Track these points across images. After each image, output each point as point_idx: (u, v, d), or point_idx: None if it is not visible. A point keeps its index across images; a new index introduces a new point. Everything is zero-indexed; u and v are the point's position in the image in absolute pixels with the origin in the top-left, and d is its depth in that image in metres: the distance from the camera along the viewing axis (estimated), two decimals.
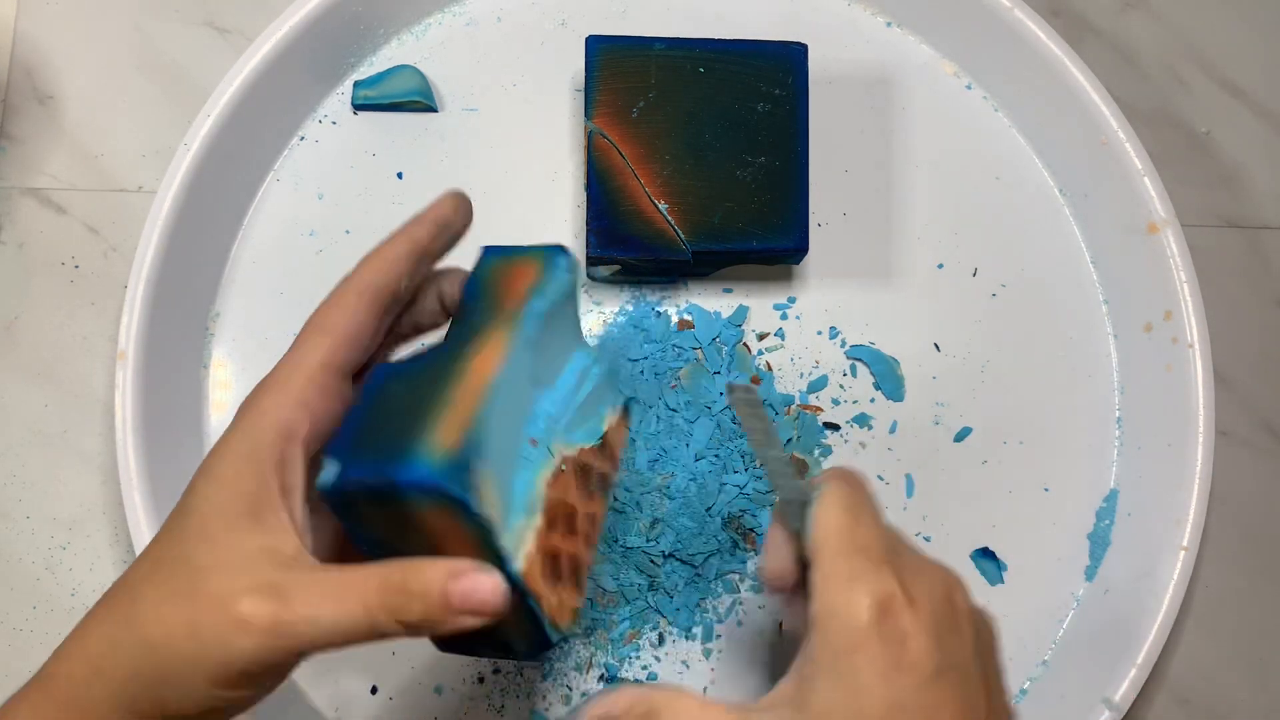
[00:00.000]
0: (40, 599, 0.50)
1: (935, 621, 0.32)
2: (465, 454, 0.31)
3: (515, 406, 0.34)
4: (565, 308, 0.37)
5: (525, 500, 0.34)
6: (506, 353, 0.34)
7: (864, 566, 0.32)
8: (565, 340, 0.38)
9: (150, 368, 0.48)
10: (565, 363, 0.38)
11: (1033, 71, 0.53)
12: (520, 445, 0.35)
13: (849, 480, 0.35)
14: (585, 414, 0.38)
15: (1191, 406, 0.50)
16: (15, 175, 0.53)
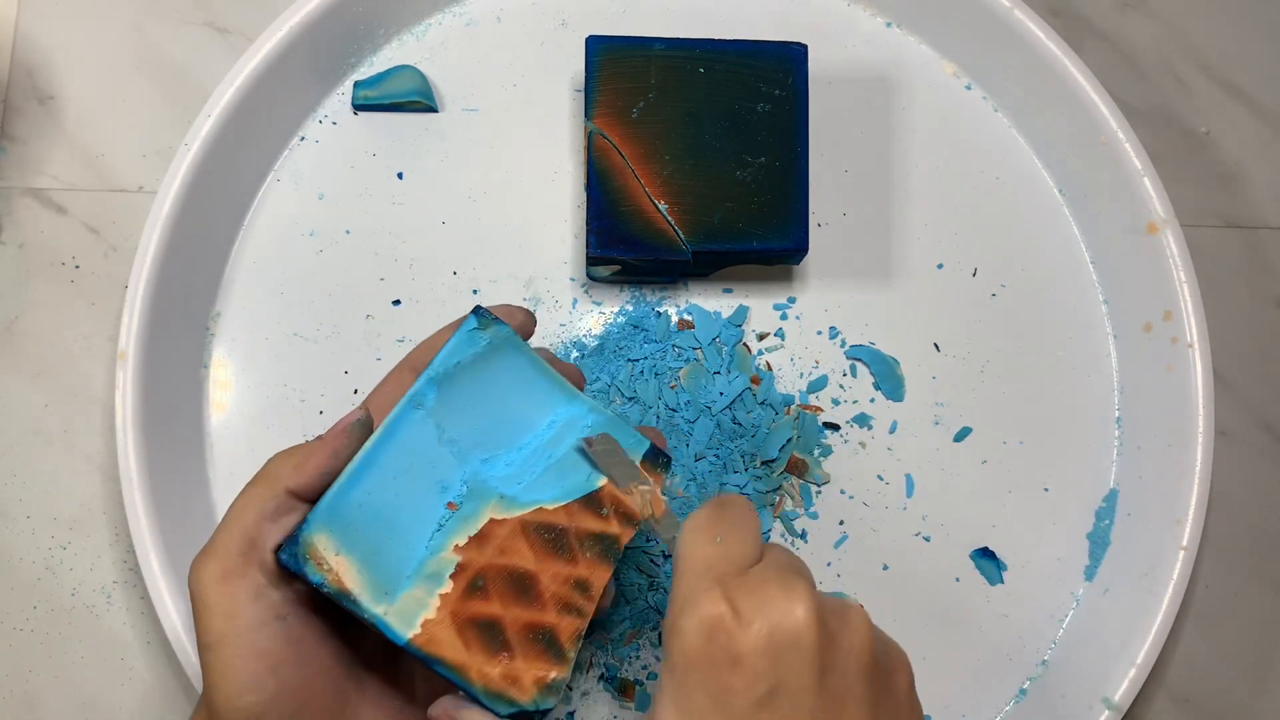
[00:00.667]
0: (40, 599, 0.50)
1: (769, 642, 0.31)
2: (299, 527, 0.33)
3: (407, 473, 0.35)
4: (499, 367, 0.36)
5: (423, 567, 0.34)
6: (389, 420, 0.35)
7: (698, 588, 0.32)
8: (518, 397, 0.37)
9: (150, 368, 0.48)
10: (528, 420, 0.37)
11: (1033, 71, 0.53)
12: (422, 510, 0.35)
13: (720, 504, 0.35)
14: (565, 470, 0.37)
15: (1191, 406, 0.50)
16: (15, 175, 0.53)
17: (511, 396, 0.37)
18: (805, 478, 0.51)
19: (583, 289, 0.52)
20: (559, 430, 0.37)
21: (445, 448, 0.36)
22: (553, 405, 0.37)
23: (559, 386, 0.37)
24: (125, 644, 0.50)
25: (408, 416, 0.35)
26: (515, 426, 0.37)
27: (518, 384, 0.37)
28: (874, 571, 0.51)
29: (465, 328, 0.36)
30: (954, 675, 0.50)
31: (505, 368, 0.36)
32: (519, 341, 0.37)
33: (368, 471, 0.34)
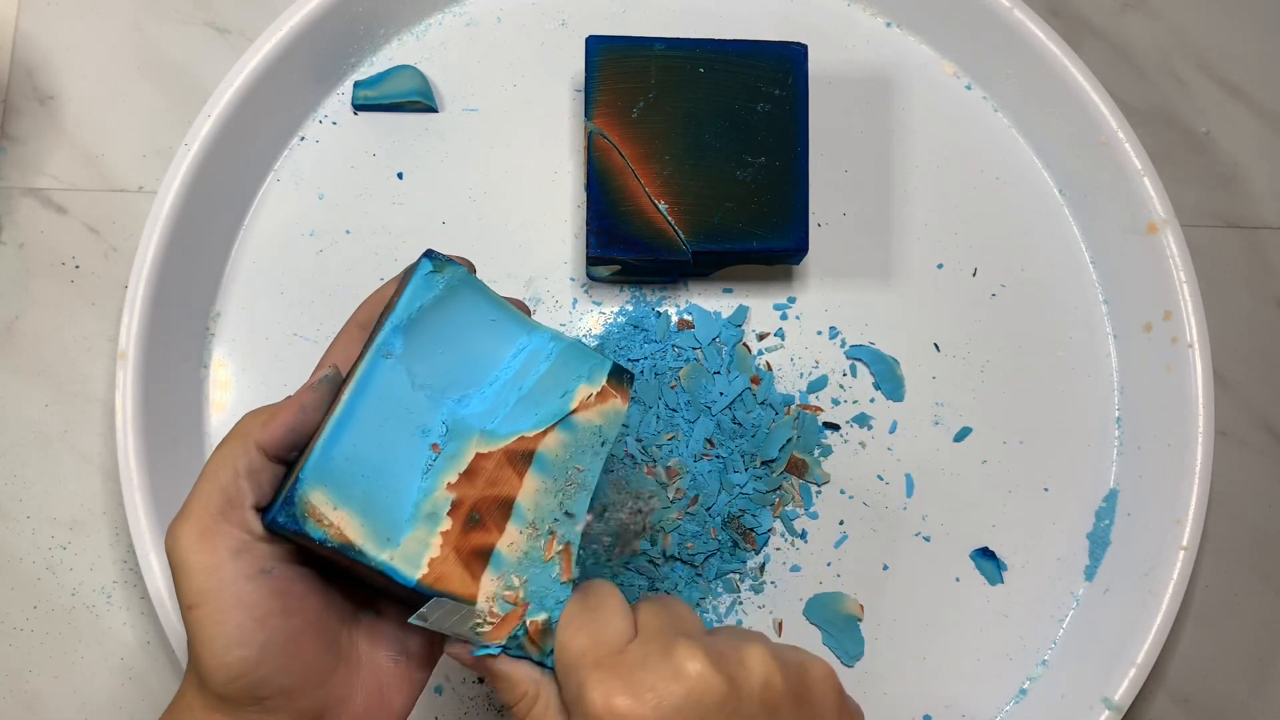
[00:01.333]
0: (40, 599, 0.50)
1: (671, 710, 0.31)
2: (292, 486, 0.33)
3: (387, 422, 0.35)
4: (458, 308, 0.36)
5: (420, 509, 0.35)
6: (361, 372, 0.35)
7: (583, 679, 0.32)
8: (482, 335, 0.37)
9: (150, 368, 0.48)
10: (494, 356, 0.37)
11: (1032, 71, 0.53)
12: (407, 456, 0.35)
13: (582, 592, 0.35)
14: (538, 398, 0.37)
15: (1191, 406, 0.50)
16: (16, 175, 0.53)
17: (474, 334, 0.37)
18: (805, 478, 0.51)
19: (583, 289, 0.52)
20: (525, 361, 0.37)
21: (419, 392, 0.36)
22: (514, 337, 0.37)
23: (518, 319, 0.38)
24: (125, 644, 0.50)
25: (378, 366, 0.35)
26: (483, 363, 0.37)
27: (479, 321, 0.37)
28: (874, 571, 0.51)
29: (421, 271, 0.36)
30: (954, 675, 0.50)
31: (465, 307, 0.37)
32: (475, 280, 0.37)
33: (348, 425, 0.34)
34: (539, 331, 0.38)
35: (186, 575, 0.33)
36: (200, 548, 0.33)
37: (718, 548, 0.49)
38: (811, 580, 0.50)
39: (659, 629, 0.33)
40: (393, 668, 0.36)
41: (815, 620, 0.50)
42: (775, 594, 0.50)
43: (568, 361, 0.37)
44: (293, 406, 0.34)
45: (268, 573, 0.33)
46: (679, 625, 0.34)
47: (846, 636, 0.50)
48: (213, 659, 0.32)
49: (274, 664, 0.33)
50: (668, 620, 0.34)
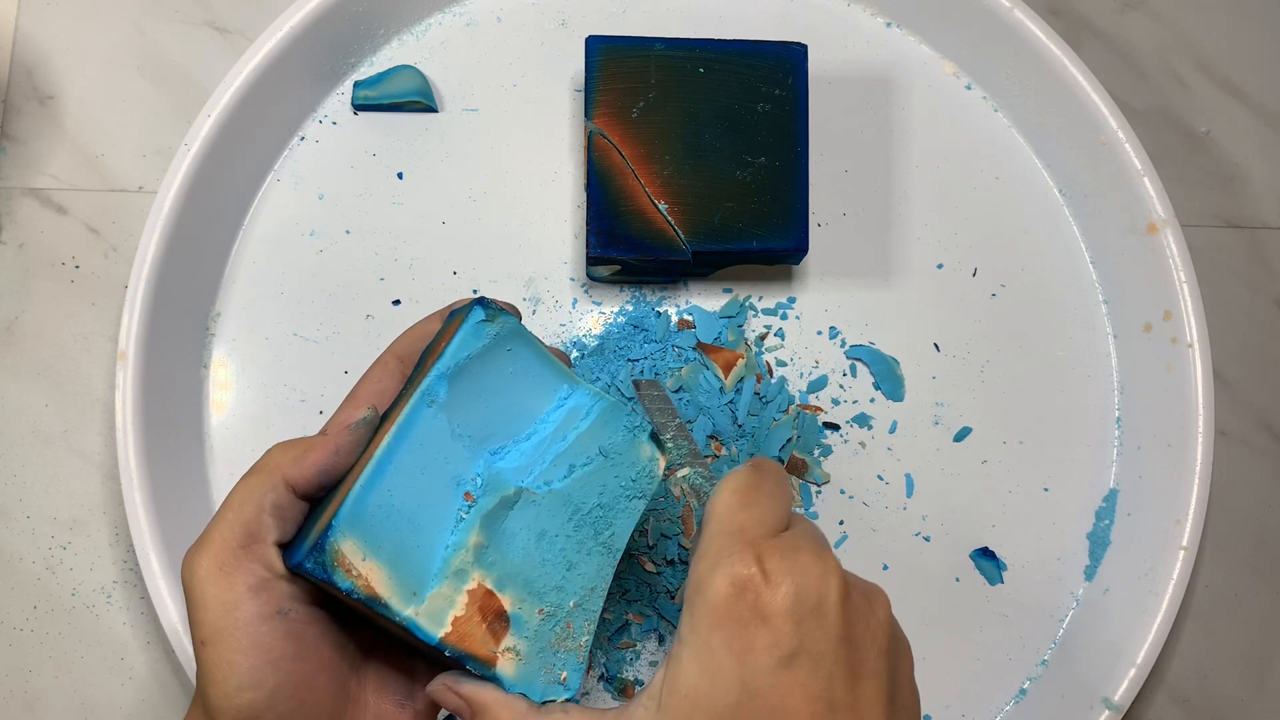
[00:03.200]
0: (40, 599, 0.50)
1: (796, 605, 0.31)
2: (323, 533, 0.33)
3: (425, 469, 0.35)
4: (505, 358, 0.36)
5: (448, 565, 0.34)
6: (403, 417, 0.34)
7: (731, 547, 0.32)
8: (525, 387, 0.37)
9: (150, 368, 0.48)
10: (535, 409, 0.37)
11: (1033, 71, 0.53)
12: (440, 508, 0.35)
13: (757, 467, 0.35)
14: (574, 456, 0.37)
15: (1191, 406, 0.50)
16: (15, 175, 0.53)
17: (518, 387, 0.37)
18: (805, 478, 0.51)
19: (583, 289, 0.52)
20: (564, 417, 0.37)
21: (458, 442, 0.35)
22: (557, 393, 0.37)
23: (561, 374, 0.37)
24: (125, 644, 0.50)
25: (420, 413, 0.35)
26: (523, 416, 0.37)
27: (523, 374, 0.37)
28: (874, 571, 0.51)
29: (472, 319, 0.36)
30: (954, 675, 0.50)
31: (511, 358, 0.36)
32: (523, 330, 0.37)
33: (385, 472, 0.34)
34: (581, 388, 0.37)
35: (203, 608, 0.32)
36: (218, 581, 0.32)
37: None
38: None
39: (812, 536, 0.34)
40: (398, 713, 0.36)
41: None
42: None
43: (607, 420, 0.37)
44: (328, 447, 0.34)
45: (285, 614, 0.33)
46: (828, 544, 0.34)
47: None
48: (223, 698, 0.32)
49: (283, 708, 0.32)
50: (819, 535, 0.34)
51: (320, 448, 0.34)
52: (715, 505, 0.34)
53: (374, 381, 0.37)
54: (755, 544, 0.32)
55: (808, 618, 0.31)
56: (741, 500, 0.34)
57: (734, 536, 0.32)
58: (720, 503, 0.34)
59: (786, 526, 0.34)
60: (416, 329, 0.38)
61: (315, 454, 0.34)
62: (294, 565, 0.33)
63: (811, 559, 0.32)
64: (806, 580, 0.31)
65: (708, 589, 0.31)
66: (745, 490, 0.34)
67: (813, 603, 0.31)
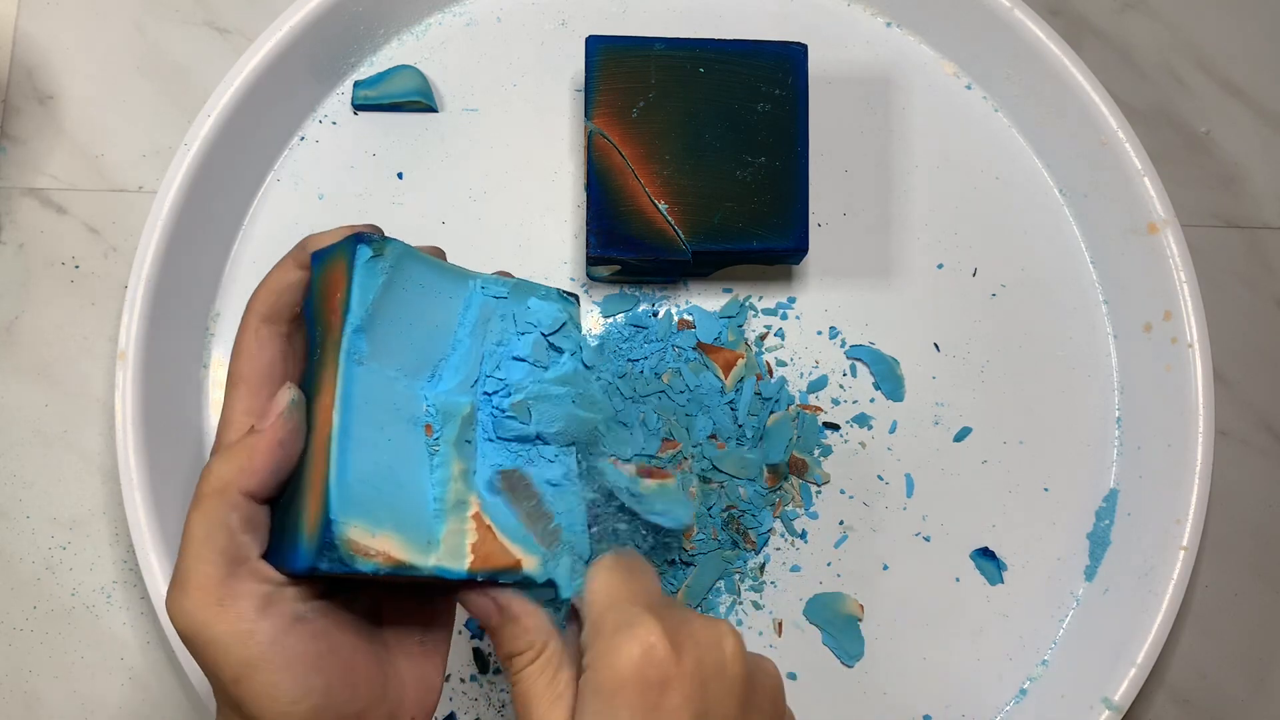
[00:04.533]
0: (40, 599, 0.50)
1: (699, 669, 0.32)
2: (323, 529, 0.31)
3: (383, 424, 0.34)
4: (404, 284, 0.35)
5: (445, 501, 0.34)
6: (341, 388, 0.33)
7: (631, 615, 0.32)
8: (431, 303, 0.35)
9: (150, 368, 0.48)
10: (448, 320, 0.36)
11: (1033, 71, 0.53)
12: (411, 453, 0.34)
13: (620, 553, 0.36)
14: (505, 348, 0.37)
15: (1191, 406, 0.50)
16: (15, 175, 0.53)
17: (426, 306, 0.35)
18: (805, 478, 0.51)
19: (583, 289, 0.52)
20: (477, 314, 0.36)
21: (396, 384, 0.34)
22: (459, 293, 0.36)
23: (453, 275, 0.36)
24: (125, 644, 0.50)
25: (354, 374, 0.33)
26: (441, 331, 0.36)
27: (426, 292, 0.35)
28: (874, 571, 0.51)
29: (360, 260, 0.34)
30: (954, 675, 0.50)
31: (409, 282, 0.35)
32: (407, 248, 0.35)
33: (349, 446, 0.33)
34: (472, 279, 0.36)
35: (220, 650, 0.31)
36: (222, 617, 0.31)
37: (718, 548, 0.49)
38: (811, 580, 0.50)
39: (682, 601, 0.34)
40: (421, 649, 0.36)
41: (815, 620, 0.50)
42: (775, 594, 0.50)
43: (519, 300, 0.37)
44: (270, 444, 0.32)
45: (301, 618, 0.32)
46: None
47: (846, 636, 0.50)
48: (283, 716, 0.31)
49: (340, 698, 0.32)
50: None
51: (265, 448, 0.32)
52: (596, 586, 0.34)
53: (251, 357, 0.34)
54: (653, 609, 0.32)
55: (711, 682, 0.32)
56: (623, 576, 0.34)
57: (630, 604, 0.33)
58: (603, 580, 0.34)
59: (669, 603, 0.34)
60: (270, 282, 0.35)
61: (262, 455, 0.32)
62: (305, 569, 0.32)
63: (708, 624, 0.33)
64: (706, 642, 0.32)
65: (614, 656, 0.32)
66: (621, 568, 0.35)
67: (715, 667, 0.32)
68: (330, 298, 0.34)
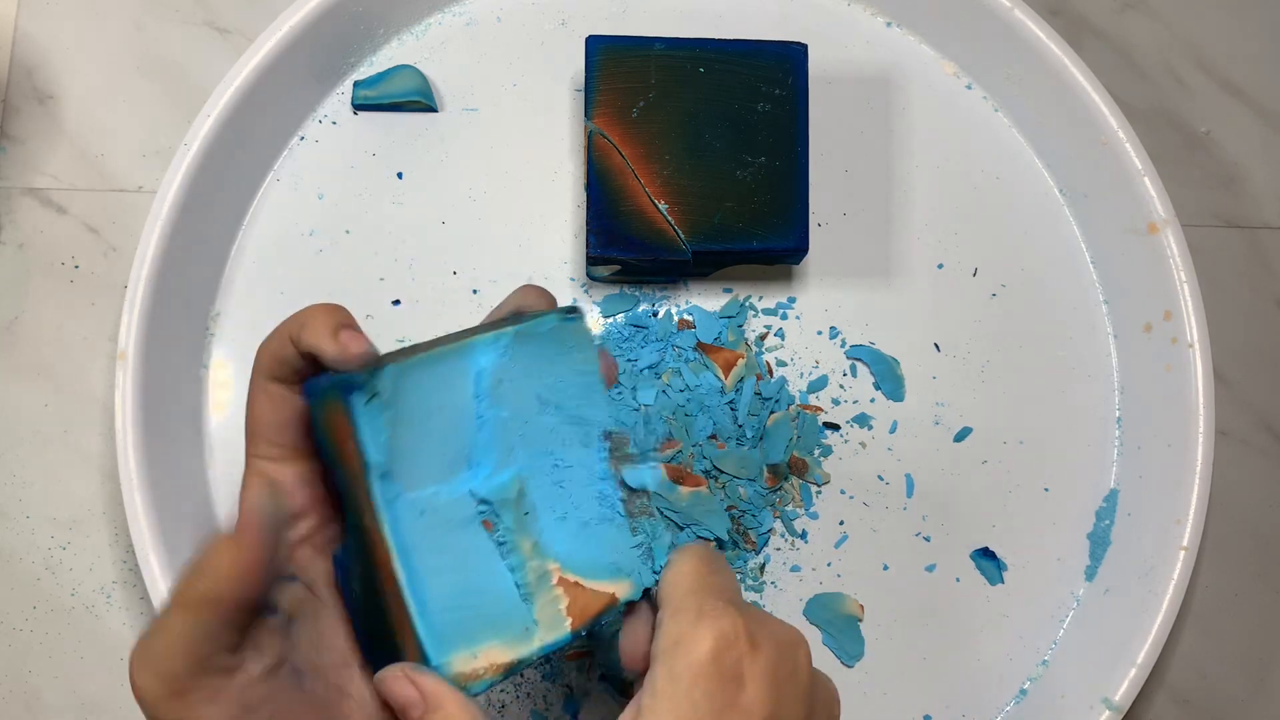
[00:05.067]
0: (40, 599, 0.50)
1: (774, 669, 0.32)
2: (435, 668, 0.32)
3: (443, 546, 0.33)
4: (408, 400, 0.33)
5: (526, 583, 0.34)
6: (390, 536, 0.32)
7: (713, 604, 0.32)
8: (440, 394, 0.34)
9: (150, 368, 0.48)
10: (461, 403, 0.34)
11: (1033, 71, 0.53)
12: (481, 554, 0.34)
13: (706, 545, 0.36)
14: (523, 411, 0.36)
15: (1191, 406, 0.50)
16: (15, 175, 0.53)
17: (434, 405, 0.34)
18: (805, 478, 0.51)
19: (583, 289, 0.52)
20: (490, 386, 0.34)
21: (438, 494, 0.33)
22: (465, 372, 0.34)
23: (451, 356, 0.34)
24: (125, 644, 0.50)
25: (395, 515, 0.32)
26: (460, 417, 0.34)
27: (430, 391, 0.33)
28: (874, 571, 0.51)
29: (357, 408, 0.31)
30: (954, 675, 0.50)
31: (411, 396, 0.33)
32: (404, 364, 0.33)
33: (421, 585, 0.32)
34: (469, 350, 0.34)
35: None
36: (175, 706, 0.30)
37: (717, 548, 0.49)
38: (811, 580, 0.50)
39: (764, 609, 0.35)
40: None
41: (815, 620, 0.50)
42: (775, 594, 0.50)
43: (524, 350, 0.35)
44: (252, 564, 0.30)
45: (252, 710, 0.31)
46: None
47: (846, 636, 0.50)
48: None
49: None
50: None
51: (249, 566, 0.30)
52: (682, 568, 0.34)
53: (264, 410, 0.33)
54: (735, 603, 0.33)
55: (783, 684, 0.32)
56: (709, 566, 0.34)
57: (713, 594, 0.33)
58: (688, 566, 0.34)
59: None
60: (268, 351, 0.33)
61: (252, 576, 0.30)
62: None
63: (785, 627, 0.33)
64: (783, 646, 0.32)
65: (692, 643, 0.31)
66: (709, 558, 0.34)
67: (789, 669, 0.32)
68: (342, 445, 0.32)
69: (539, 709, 0.48)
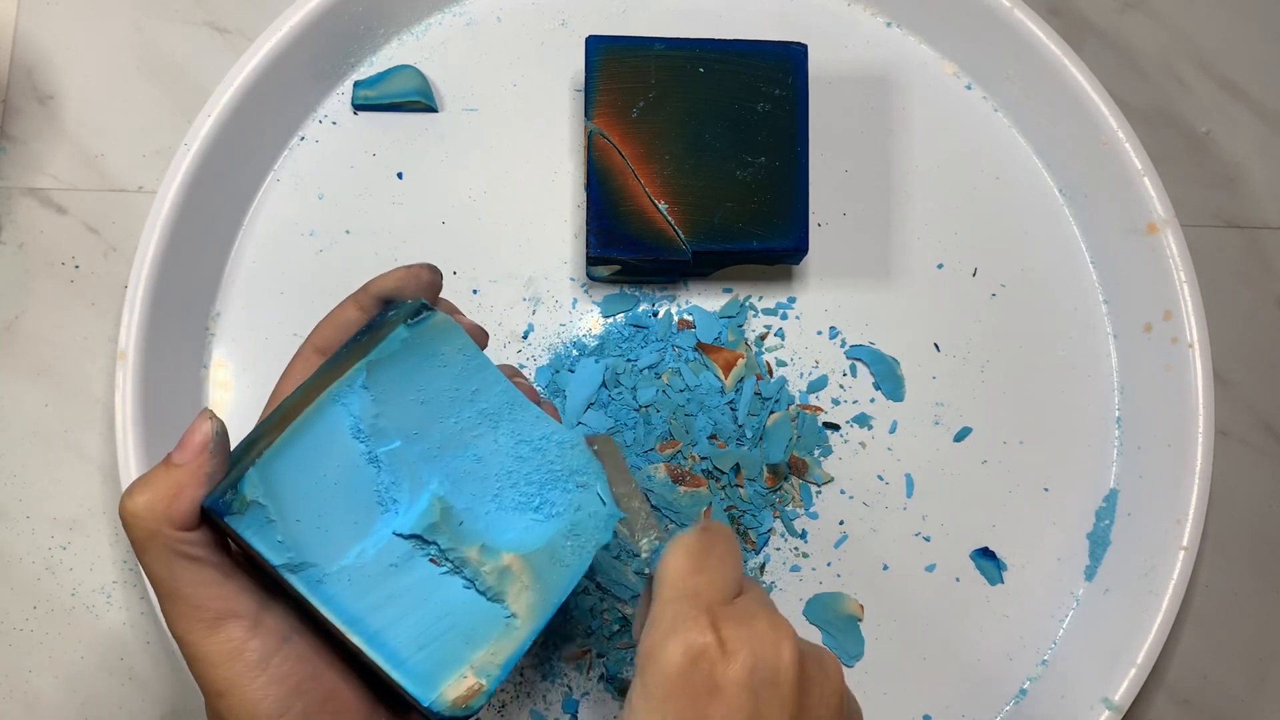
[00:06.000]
0: (40, 599, 0.50)
1: (751, 676, 0.31)
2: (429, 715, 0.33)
3: (392, 597, 0.33)
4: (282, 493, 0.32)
5: (490, 589, 0.35)
6: (330, 613, 0.33)
7: (685, 613, 0.32)
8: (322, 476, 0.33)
9: (150, 368, 0.48)
10: (348, 456, 0.34)
11: (1033, 71, 0.53)
12: (440, 583, 0.34)
13: (707, 530, 0.35)
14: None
15: (1191, 406, 0.50)
16: (15, 175, 0.53)
17: (313, 480, 0.33)
18: (805, 478, 0.51)
19: (583, 289, 0.52)
20: (370, 428, 0.34)
21: (365, 560, 0.33)
22: (336, 425, 0.34)
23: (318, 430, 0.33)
24: (125, 644, 0.50)
25: (330, 596, 0.33)
26: (349, 476, 0.34)
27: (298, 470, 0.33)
28: (874, 571, 0.51)
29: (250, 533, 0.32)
30: (954, 675, 0.50)
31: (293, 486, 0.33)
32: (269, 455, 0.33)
33: (385, 642, 0.33)
34: (335, 397, 0.33)
35: (209, 666, 0.31)
36: (215, 638, 0.31)
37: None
38: (811, 580, 0.50)
39: (765, 601, 0.34)
40: None
41: (815, 620, 0.50)
42: (775, 594, 0.50)
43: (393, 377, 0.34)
44: (194, 481, 0.31)
45: (289, 640, 0.32)
46: (773, 603, 0.34)
47: (846, 636, 0.50)
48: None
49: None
50: (770, 600, 0.34)
51: (190, 485, 0.31)
52: (666, 569, 0.33)
53: (296, 381, 0.35)
54: (710, 610, 0.32)
55: (763, 689, 0.31)
56: (694, 564, 0.33)
57: (688, 601, 0.32)
58: (672, 566, 0.33)
59: (739, 591, 0.33)
60: (331, 317, 0.36)
61: (188, 494, 0.31)
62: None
63: (767, 626, 0.32)
64: (762, 649, 0.31)
65: (662, 657, 0.31)
66: (697, 553, 0.33)
67: (768, 674, 0.31)
68: (251, 555, 0.32)
69: (539, 709, 0.48)
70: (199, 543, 0.31)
